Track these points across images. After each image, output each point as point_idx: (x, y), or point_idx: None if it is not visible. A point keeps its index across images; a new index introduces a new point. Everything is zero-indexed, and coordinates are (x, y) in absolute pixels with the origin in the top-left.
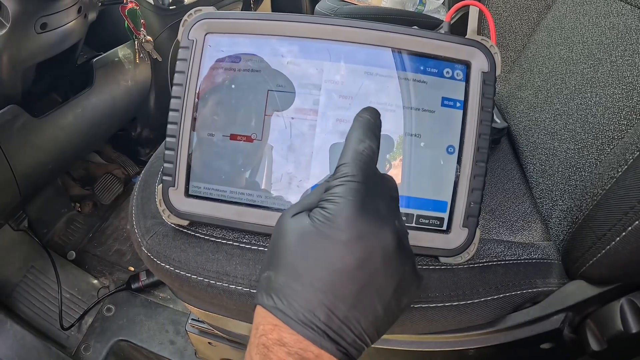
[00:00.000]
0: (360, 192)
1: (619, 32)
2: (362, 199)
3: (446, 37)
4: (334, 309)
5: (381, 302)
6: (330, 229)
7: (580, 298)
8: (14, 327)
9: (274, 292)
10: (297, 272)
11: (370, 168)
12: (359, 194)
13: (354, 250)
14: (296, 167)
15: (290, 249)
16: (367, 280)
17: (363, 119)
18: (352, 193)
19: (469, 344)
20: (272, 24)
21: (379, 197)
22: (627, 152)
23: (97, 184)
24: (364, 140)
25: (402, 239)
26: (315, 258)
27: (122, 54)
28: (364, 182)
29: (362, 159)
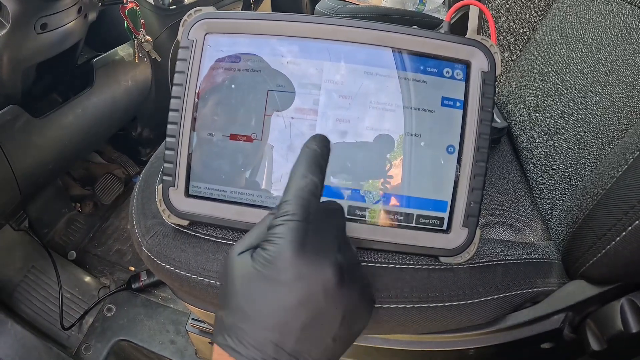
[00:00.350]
0: (300, 231)
1: (619, 31)
2: (302, 238)
3: (446, 36)
4: (282, 345)
5: (329, 334)
6: (271, 270)
7: (581, 298)
8: (14, 327)
9: (226, 331)
10: (244, 313)
11: (312, 204)
12: (298, 233)
13: (294, 290)
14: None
15: (236, 290)
16: (312, 316)
17: (309, 150)
18: (291, 233)
19: (469, 344)
20: (272, 24)
21: (320, 233)
22: (627, 152)
23: (98, 184)
24: (307, 175)
25: (344, 272)
26: (259, 299)
27: (122, 54)
28: (304, 220)
29: (303, 195)
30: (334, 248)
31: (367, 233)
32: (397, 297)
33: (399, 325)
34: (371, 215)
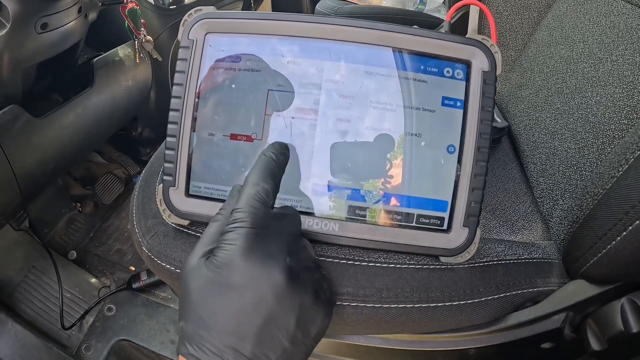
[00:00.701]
0: (249, 237)
1: (619, 31)
2: (251, 243)
3: (446, 36)
4: (240, 349)
5: (286, 336)
6: (223, 276)
7: (581, 297)
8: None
9: (187, 340)
10: (202, 320)
11: (261, 211)
12: (247, 239)
13: (246, 294)
14: (296, 167)
15: (192, 298)
16: (265, 319)
17: (264, 158)
18: (241, 239)
19: (469, 344)
20: (273, 24)
21: (270, 238)
22: (627, 152)
23: (98, 183)
24: (259, 183)
25: (295, 275)
26: (214, 305)
27: (123, 54)
28: (254, 227)
29: (254, 203)
30: (284, 252)
31: (368, 233)
32: (398, 296)
33: (400, 325)
34: (371, 215)
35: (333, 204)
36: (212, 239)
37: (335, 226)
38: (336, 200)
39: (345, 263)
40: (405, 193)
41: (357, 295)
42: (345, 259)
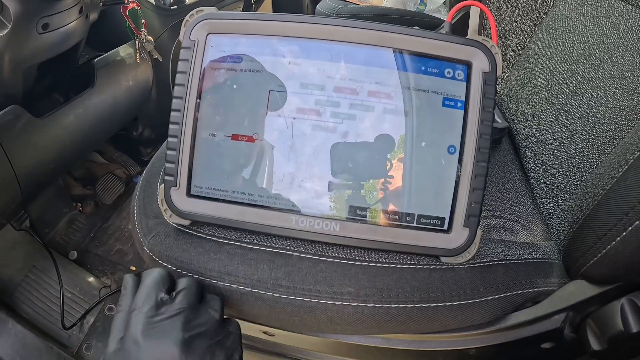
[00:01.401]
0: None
1: (619, 32)
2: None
3: (447, 37)
4: None
5: None
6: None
7: (581, 298)
8: (15, 327)
9: None
10: None
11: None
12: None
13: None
14: (297, 167)
15: None
16: None
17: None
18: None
19: (470, 344)
20: (273, 24)
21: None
22: (627, 152)
23: (99, 183)
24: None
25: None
26: None
27: (124, 54)
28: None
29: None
30: (177, 328)
31: (368, 233)
32: (399, 296)
33: (400, 324)
34: (372, 215)
35: (334, 204)
36: (120, 328)
37: (336, 226)
38: (337, 200)
39: (347, 263)
40: (406, 193)
41: (358, 295)
42: (347, 259)
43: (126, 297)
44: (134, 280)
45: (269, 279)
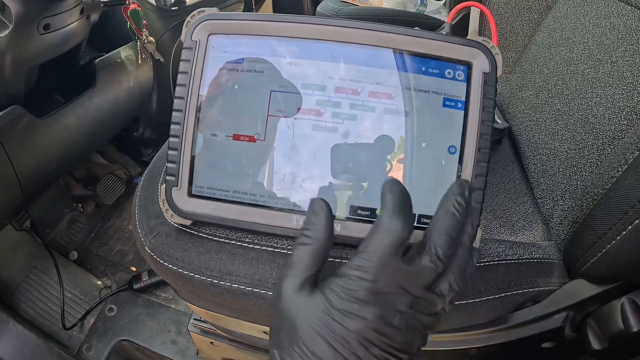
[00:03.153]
0: (369, 293)
1: (619, 32)
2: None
3: (447, 38)
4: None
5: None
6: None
7: (581, 297)
8: (16, 327)
9: None
10: (308, 355)
11: (390, 265)
12: (368, 294)
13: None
14: (299, 167)
15: (299, 331)
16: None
17: (402, 193)
18: (361, 292)
19: (470, 343)
20: (274, 25)
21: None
22: (627, 152)
23: (100, 184)
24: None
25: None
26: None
27: (125, 55)
28: (376, 280)
29: (383, 255)
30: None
31: None
32: None
33: None
34: (373, 215)
35: (334, 204)
36: (307, 266)
37: (337, 226)
38: (337, 200)
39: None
40: None
41: None
42: (347, 258)
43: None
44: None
45: (270, 279)
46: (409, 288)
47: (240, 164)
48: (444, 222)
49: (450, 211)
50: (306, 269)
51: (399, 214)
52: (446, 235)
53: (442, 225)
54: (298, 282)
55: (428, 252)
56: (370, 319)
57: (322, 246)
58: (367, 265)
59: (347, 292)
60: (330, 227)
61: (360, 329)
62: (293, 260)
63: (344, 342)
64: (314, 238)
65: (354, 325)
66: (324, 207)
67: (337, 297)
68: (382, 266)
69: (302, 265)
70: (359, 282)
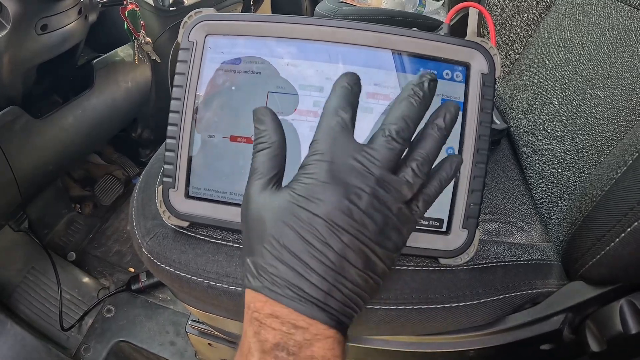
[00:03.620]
0: (330, 172)
1: (618, 33)
2: (332, 179)
3: (445, 38)
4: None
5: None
6: (303, 204)
7: (580, 299)
8: (14, 328)
9: (260, 272)
10: (278, 249)
11: (341, 141)
12: (329, 174)
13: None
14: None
15: (267, 228)
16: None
17: (342, 88)
18: (321, 173)
19: (468, 345)
20: (272, 26)
21: (352, 173)
22: (626, 154)
23: (98, 185)
24: (338, 112)
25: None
26: (293, 231)
27: (122, 55)
28: (334, 160)
29: (333, 134)
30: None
31: None
32: (397, 298)
33: (399, 326)
34: None
35: None
36: (268, 168)
37: None
38: None
39: None
40: None
41: None
42: None
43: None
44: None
45: None
46: (369, 166)
47: (238, 165)
48: (397, 108)
49: (405, 99)
50: (268, 171)
51: (342, 102)
52: (399, 118)
53: (394, 110)
54: (262, 184)
55: (382, 134)
56: (335, 200)
57: (278, 147)
58: (321, 148)
59: (309, 177)
60: (279, 128)
61: (327, 211)
62: (254, 167)
63: (312, 229)
64: (267, 142)
65: (319, 209)
66: (268, 112)
67: (301, 184)
68: (335, 145)
69: (264, 168)
70: (317, 165)
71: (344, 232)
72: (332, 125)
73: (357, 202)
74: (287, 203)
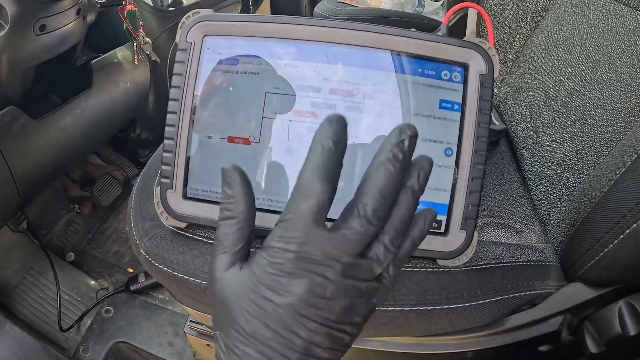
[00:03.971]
0: (298, 263)
1: (617, 34)
2: (298, 270)
3: (444, 39)
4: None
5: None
6: (272, 294)
7: (579, 300)
8: (13, 329)
9: (229, 352)
10: (244, 336)
11: (309, 231)
12: (296, 265)
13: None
14: (294, 170)
15: (231, 307)
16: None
17: (320, 150)
18: (288, 264)
19: (467, 347)
20: (270, 26)
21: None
22: (625, 155)
23: (96, 185)
24: (312, 192)
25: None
26: (257, 311)
27: (121, 56)
28: (299, 252)
29: (301, 221)
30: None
31: None
32: (395, 299)
33: (397, 327)
34: None
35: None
36: (233, 242)
37: None
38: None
39: None
40: None
41: None
42: None
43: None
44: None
45: None
46: (338, 257)
47: None
48: (375, 179)
49: (383, 165)
50: (233, 245)
51: (318, 174)
52: (377, 194)
53: (372, 182)
54: (227, 260)
55: (356, 214)
56: (300, 293)
57: (245, 219)
58: (288, 235)
59: (274, 265)
60: (248, 196)
61: (292, 303)
62: (219, 237)
63: (278, 320)
64: (234, 212)
65: (284, 301)
66: (237, 175)
67: (264, 272)
68: (304, 235)
69: (229, 241)
70: (283, 254)
71: (309, 320)
72: (302, 209)
73: (323, 293)
74: (252, 292)
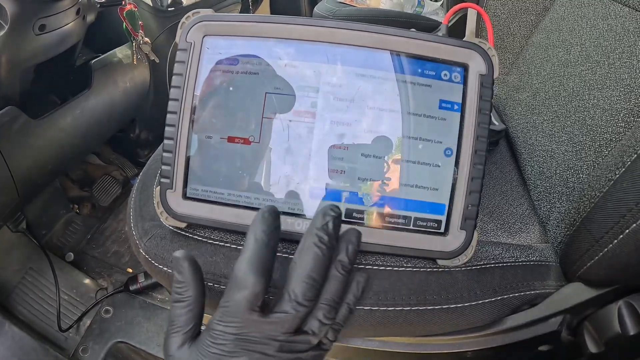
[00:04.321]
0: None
1: (616, 34)
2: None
3: (444, 39)
4: None
5: None
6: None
7: (578, 300)
8: (12, 329)
9: None
10: None
11: (246, 317)
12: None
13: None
14: (294, 169)
15: None
16: None
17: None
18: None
19: (466, 346)
20: (270, 27)
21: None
22: (624, 155)
23: (96, 185)
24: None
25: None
26: None
27: (121, 56)
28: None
29: (239, 308)
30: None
31: (365, 236)
32: (395, 299)
33: (397, 327)
34: (369, 217)
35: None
36: (184, 322)
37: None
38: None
39: None
40: (403, 196)
41: None
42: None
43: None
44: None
45: None
46: (274, 336)
47: (235, 166)
48: (303, 263)
49: (311, 249)
50: (184, 325)
51: (252, 268)
52: (305, 277)
53: (300, 267)
54: (178, 340)
55: (287, 299)
56: None
57: (194, 302)
58: (227, 320)
59: (217, 346)
60: (198, 279)
61: None
62: (171, 318)
63: None
64: (184, 295)
65: None
66: (186, 261)
67: (208, 352)
68: (240, 320)
69: (180, 321)
70: (224, 336)
71: None
72: (238, 299)
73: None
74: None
